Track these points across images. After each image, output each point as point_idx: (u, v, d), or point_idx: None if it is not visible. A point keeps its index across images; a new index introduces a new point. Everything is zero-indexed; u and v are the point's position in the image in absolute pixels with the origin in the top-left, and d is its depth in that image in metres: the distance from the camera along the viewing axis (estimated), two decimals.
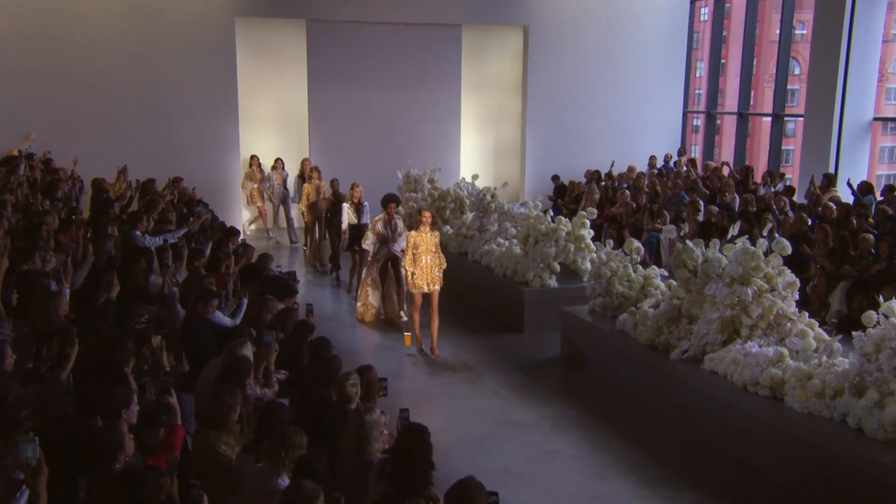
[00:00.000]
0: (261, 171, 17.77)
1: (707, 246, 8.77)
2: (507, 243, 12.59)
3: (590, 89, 19.64)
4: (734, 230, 8.88)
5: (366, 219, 12.88)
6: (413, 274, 10.30)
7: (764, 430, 7.42)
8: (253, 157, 17.97)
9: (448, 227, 14.11)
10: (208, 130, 17.18)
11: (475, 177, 15.72)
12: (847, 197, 14.23)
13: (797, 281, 8.22)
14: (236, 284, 8.86)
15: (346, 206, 13.16)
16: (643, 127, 19.90)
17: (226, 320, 7.93)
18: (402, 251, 11.07)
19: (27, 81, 16.14)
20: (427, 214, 10.43)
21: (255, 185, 17.70)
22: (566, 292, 11.36)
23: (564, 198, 18.18)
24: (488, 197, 13.63)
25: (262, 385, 6.17)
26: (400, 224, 11.79)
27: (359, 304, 12.13)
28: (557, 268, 11.59)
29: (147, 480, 3.93)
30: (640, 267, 10.42)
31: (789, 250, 8.38)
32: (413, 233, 10.39)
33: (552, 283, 11.53)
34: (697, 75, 21.52)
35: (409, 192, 15.70)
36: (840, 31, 15.21)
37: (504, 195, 14.29)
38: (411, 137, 18.56)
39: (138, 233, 8.96)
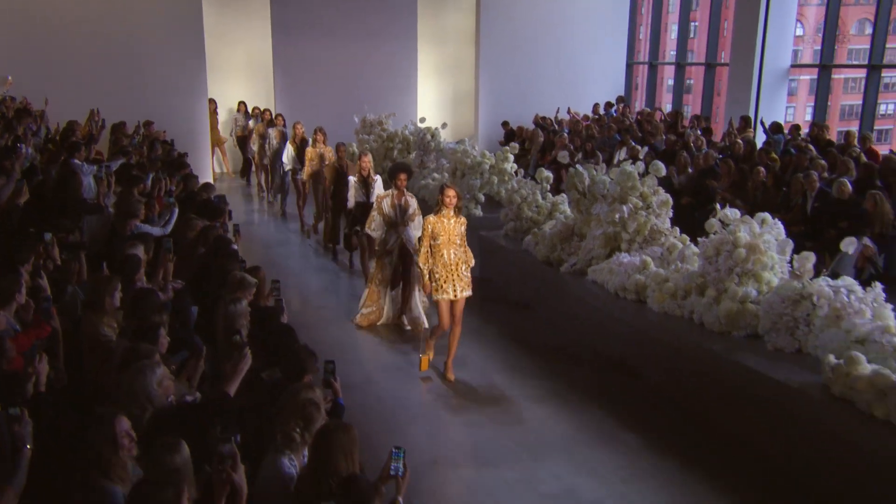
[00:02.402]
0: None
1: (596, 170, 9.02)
2: (440, 177, 12.81)
3: (539, 41, 19.63)
4: (620, 155, 9.06)
5: (375, 196, 9.72)
6: (434, 273, 7.36)
7: (631, 331, 7.76)
8: (240, 103, 18.22)
9: (388, 163, 14.27)
10: (177, 77, 17.17)
11: (444, 125, 15.55)
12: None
13: (669, 199, 8.50)
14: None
15: (352, 179, 10.38)
16: (589, 76, 19.96)
17: (154, 229, 8.14)
18: (413, 242, 8.67)
19: (2, 27, 16.07)
20: (451, 193, 7.33)
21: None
22: (490, 220, 11.62)
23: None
24: (428, 136, 13.83)
25: (159, 288, 6.39)
26: (413, 202, 8.87)
27: (361, 306, 9.10)
28: (482, 198, 11.87)
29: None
30: (549, 194, 10.65)
31: (663, 172, 8.65)
32: (431, 217, 7.38)
33: (477, 212, 11.78)
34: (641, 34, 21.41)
35: (363, 135, 15.84)
36: None
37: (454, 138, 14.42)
38: (371, 86, 18.64)
39: (76, 161, 9.14)
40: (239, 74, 19.07)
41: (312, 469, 3.56)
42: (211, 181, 17.63)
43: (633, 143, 14.82)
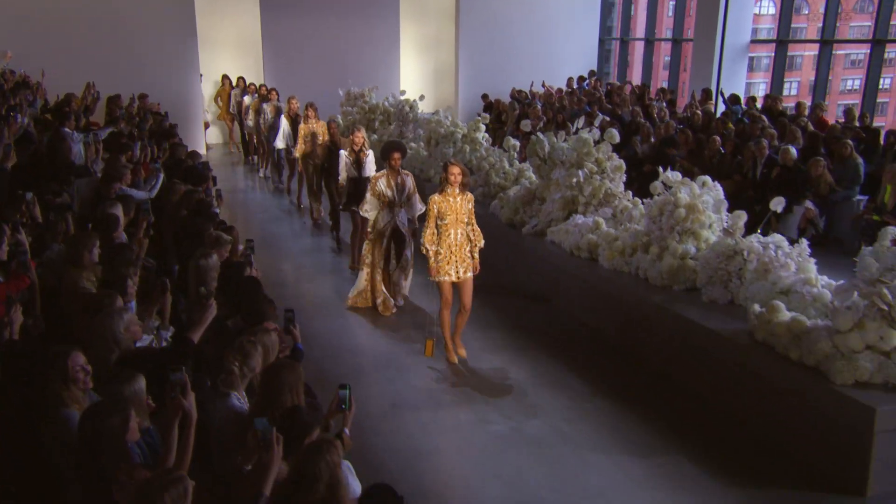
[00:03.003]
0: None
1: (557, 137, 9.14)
2: (416, 146, 12.90)
3: (516, 18, 19.61)
4: (579, 123, 9.16)
5: (368, 171, 9.19)
6: (438, 254, 6.73)
7: (585, 286, 7.93)
8: (240, 78, 18.00)
9: (374, 136, 14.35)
10: (170, 52, 17.15)
11: (421, 97, 15.63)
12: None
13: (622, 164, 8.64)
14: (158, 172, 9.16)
15: (343, 153, 9.40)
16: (563, 52, 19.98)
17: (140, 193, 8.25)
18: (412, 220, 8.15)
19: (2, 4, 15.97)
20: (455, 170, 6.67)
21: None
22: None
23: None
24: (407, 108, 13.88)
25: (139, 245, 6.51)
26: (409, 182, 8.08)
27: (354, 288, 8.46)
28: None
29: None
30: (516, 162, 10.76)
31: (617, 139, 8.80)
32: (436, 196, 6.71)
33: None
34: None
35: (347, 107, 15.86)
36: None
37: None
38: (355, 61, 18.60)
39: (66, 129, 9.21)
40: (229, 49, 19.01)
41: (260, 403, 3.73)
42: (203, 151, 17.83)
43: (602, 115, 14.96)
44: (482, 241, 6.94)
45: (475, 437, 5.86)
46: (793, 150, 10.42)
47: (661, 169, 7.30)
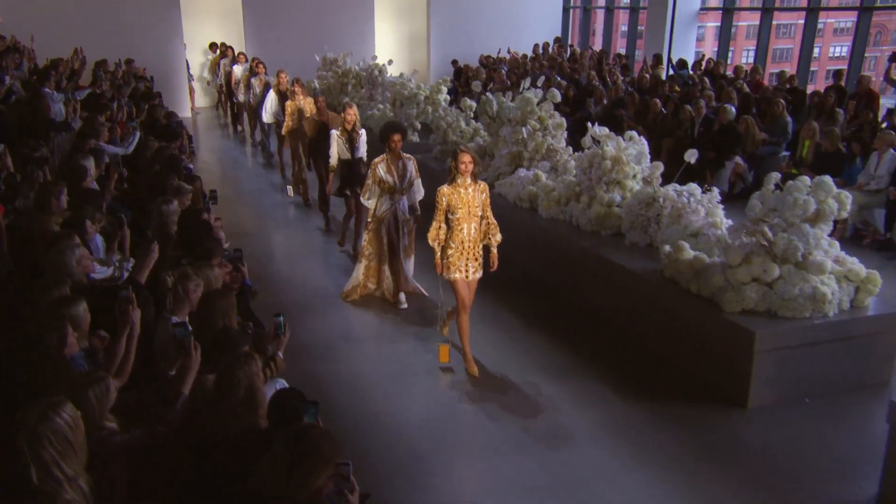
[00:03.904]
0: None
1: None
2: (383, 108, 12.96)
3: None
4: (525, 84, 9.27)
5: (360, 152, 8.15)
6: (448, 250, 5.65)
7: (526, 234, 8.13)
8: (228, 47, 17.53)
9: (346, 97, 14.38)
10: (155, 20, 17.05)
11: (390, 62, 15.64)
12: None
13: (563, 121, 8.79)
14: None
15: (335, 133, 8.15)
16: (529, 19, 19.91)
17: (117, 149, 8.38)
18: (413, 206, 7.13)
19: None
20: (466, 159, 5.51)
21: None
22: (424, 145, 11.83)
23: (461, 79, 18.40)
24: (376, 72, 13.91)
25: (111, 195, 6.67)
26: (411, 166, 6.99)
27: (350, 282, 7.39)
28: (418, 126, 12.06)
29: None
30: (472, 121, 10.87)
31: (558, 98, 8.93)
32: (445, 188, 5.58)
33: (415, 138, 11.95)
34: None
35: (323, 72, 15.84)
36: None
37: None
38: (331, 28, 18.44)
39: (46, 89, 9.26)
40: (211, 16, 18.85)
41: (197, 325, 3.95)
42: (188, 114, 17.79)
43: (559, 78, 15.07)
44: (499, 235, 5.80)
45: (411, 366, 6.12)
46: (731, 109, 10.61)
47: (590, 125, 7.45)
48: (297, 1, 18.43)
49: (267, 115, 12.11)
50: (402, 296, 7.18)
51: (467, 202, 5.55)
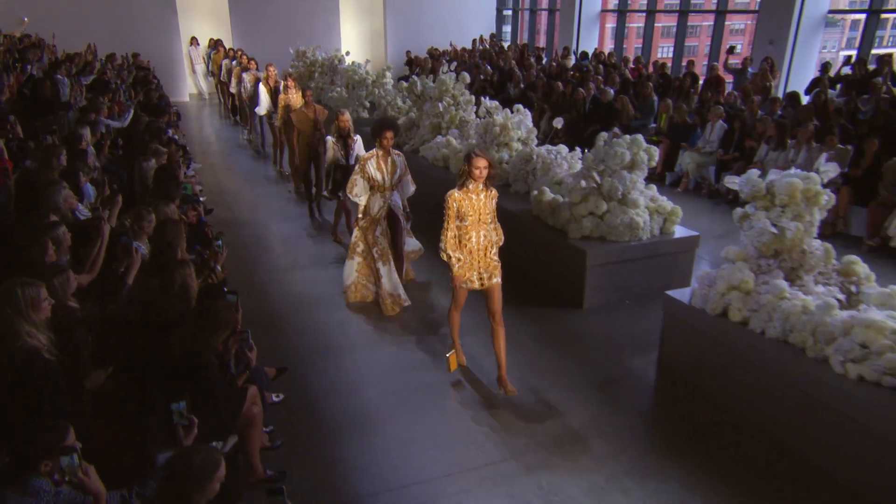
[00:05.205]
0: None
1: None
2: (341, 90, 13.17)
3: None
4: (444, 69, 9.61)
5: (355, 158, 7.01)
6: (459, 260, 4.49)
7: (440, 188, 8.44)
8: (218, 42, 17.33)
9: (311, 83, 14.52)
10: (155, 18, 16.89)
11: (347, 53, 15.72)
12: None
13: (472, 98, 9.15)
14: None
15: (330, 139, 7.10)
16: (470, 18, 20.04)
17: (114, 122, 8.57)
18: (402, 206, 5.98)
19: None
20: (481, 163, 4.36)
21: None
22: (370, 121, 12.07)
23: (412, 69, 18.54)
24: (336, 61, 14.04)
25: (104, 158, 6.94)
26: (400, 162, 5.89)
27: (346, 281, 6.07)
28: (368, 105, 12.29)
29: None
30: (408, 101, 11.17)
31: (468, 80, 9.27)
32: (456, 193, 4.44)
33: (365, 114, 12.20)
34: None
35: (296, 62, 15.88)
36: None
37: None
38: (304, 25, 18.47)
39: (59, 76, 9.36)
40: (202, 15, 18.69)
41: (153, 252, 4.35)
42: (186, 99, 17.74)
43: (489, 67, 15.35)
44: (502, 239, 4.65)
45: (339, 339, 6.54)
46: (609, 91, 11.08)
47: (485, 100, 7.84)
48: (274, 2, 18.35)
49: (260, 108, 11.19)
50: (403, 294, 5.88)
51: (478, 209, 4.41)
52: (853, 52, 10.95)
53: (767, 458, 3.92)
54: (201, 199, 6.80)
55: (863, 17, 10.77)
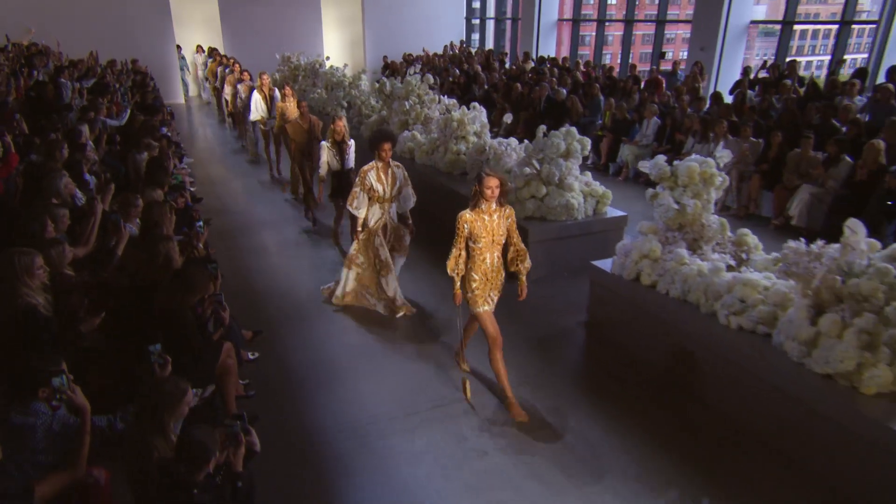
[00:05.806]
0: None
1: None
2: (321, 92, 13.25)
3: (406, 1, 19.60)
4: (411, 70, 9.78)
5: (350, 162, 6.63)
6: (470, 283, 4.02)
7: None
8: (213, 50, 17.26)
9: (296, 85, 14.57)
10: (152, 27, 16.78)
11: (327, 58, 15.72)
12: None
13: (436, 97, 9.34)
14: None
15: (325, 144, 6.52)
16: (441, 25, 20.12)
17: (113, 121, 8.64)
18: (403, 216, 5.51)
19: None
20: (492, 183, 3.84)
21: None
22: (350, 119, 12.21)
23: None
24: (317, 65, 14.11)
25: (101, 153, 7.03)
26: (400, 174, 5.37)
27: (340, 287, 5.61)
28: (345, 104, 12.40)
29: None
30: (379, 101, 11.31)
31: (431, 81, 9.45)
32: (467, 214, 3.93)
33: (343, 113, 12.29)
34: None
35: (282, 67, 15.90)
36: None
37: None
38: (289, 32, 18.46)
39: (62, 79, 9.38)
40: (195, 24, 18.59)
41: (141, 231, 4.53)
42: (182, 101, 17.67)
43: (457, 70, 15.54)
44: (528, 262, 4.12)
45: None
46: (561, 91, 11.34)
47: (444, 98, 8.06)
48: (261, 12, 18.30)
49: (253, 114, 10.31)
50: (403, 299, 5.53)
51: (491, 230, 3.92)
52: (771, 58, 11.35)
53: (671, 396, 4.27)
54: (191, 188, 6.94)
55: (778, 27, 11.18)
